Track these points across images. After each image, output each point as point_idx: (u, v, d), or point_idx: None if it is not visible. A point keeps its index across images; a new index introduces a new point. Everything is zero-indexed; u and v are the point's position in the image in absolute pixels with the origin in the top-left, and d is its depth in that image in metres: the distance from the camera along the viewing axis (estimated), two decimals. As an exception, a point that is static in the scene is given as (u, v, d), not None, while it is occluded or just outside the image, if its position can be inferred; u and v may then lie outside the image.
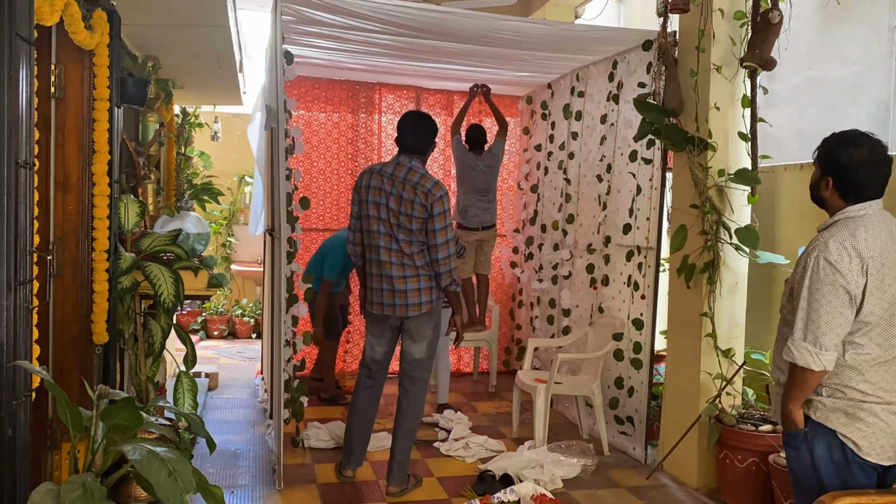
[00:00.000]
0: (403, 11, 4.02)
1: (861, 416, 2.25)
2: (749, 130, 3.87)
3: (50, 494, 1.89)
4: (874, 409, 2.25)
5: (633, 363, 4.46)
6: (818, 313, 2.19)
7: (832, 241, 2.22)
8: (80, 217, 3.09)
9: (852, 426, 2.26)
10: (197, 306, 8.08)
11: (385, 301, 3.68)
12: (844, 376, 2.27)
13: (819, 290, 2.20)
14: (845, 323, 2.21)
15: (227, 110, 7.60)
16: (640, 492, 3.88)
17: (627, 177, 4.60)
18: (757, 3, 3.77)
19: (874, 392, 2.25)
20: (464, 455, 4.35)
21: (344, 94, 6.05)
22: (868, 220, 2.26)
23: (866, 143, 2.28)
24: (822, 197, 2.36)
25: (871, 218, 2.26)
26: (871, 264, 2.21)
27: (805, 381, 2.24)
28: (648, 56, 4.34)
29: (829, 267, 2.19)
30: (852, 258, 2.19)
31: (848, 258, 2.19)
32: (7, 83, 2.05)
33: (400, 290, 3.64)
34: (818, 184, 2.36)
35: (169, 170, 5.14)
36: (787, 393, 2.30)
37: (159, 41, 4.08)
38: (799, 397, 2.29)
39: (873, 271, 2.21)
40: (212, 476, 3.93)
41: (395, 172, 3.64)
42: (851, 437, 2.26)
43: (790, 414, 2.32)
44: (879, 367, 2.26)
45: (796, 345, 2.23)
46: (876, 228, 2.25)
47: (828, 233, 2.27)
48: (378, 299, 3.71)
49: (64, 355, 3.07)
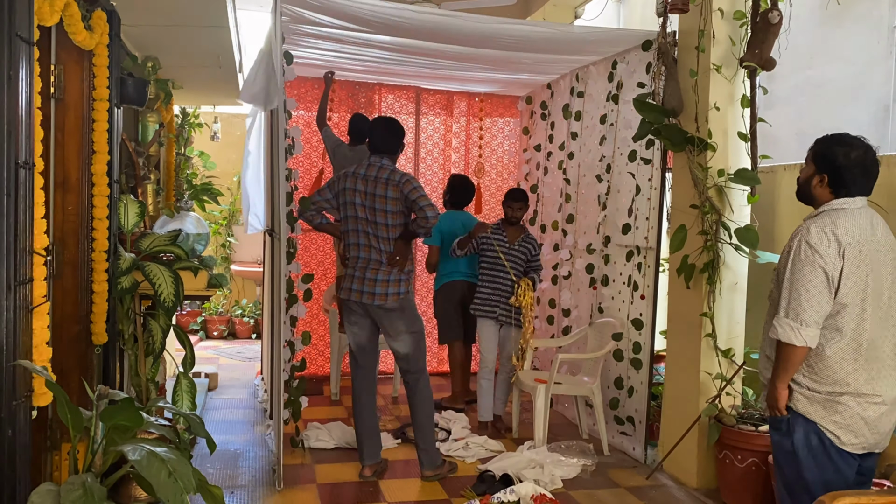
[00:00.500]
0: (402, 13, 4.01)
1: (838, 409, 2.41)
2: (749, 130, 3.87)
3: (50, 494, 1.89)
4: (849, 402, 2.41)
5: (632, 363, 4.46)
6: (799, 292, 2.37)
7: (813, 226, 2.41)
8: (80, 217, 3.09)
9: (830, 418, 2.42)
10: (197, 306, 8.08)
11: (354, 287, 3.88)
12: (824, 367, 2.43)
13: (800, 270, 2.37)
14: (824, 302, 2.37)
15: (227, 110, 7.61)
16: (640, 492, 3.88)
17: (627, 177, 4.60)
18: (756, 3, 3.77)
19: (852, 384, 2.40)
20: (464, 455, 4.35)
21: (344, 94, 6.05)
22: (850, 212, 2.44)
23: (860, 146, 2.48)
24: (812, 193, 2.53)
25: (853, 211, 2.45)
26: (848, 250, 2.38)
27: (789, 358, 2.40)
28: (648, 56, 4.34)
29: (809, 249, 2.37)
30: (831, 242, 2.37)
31: (827, 242, 2.37)
32: (7, 83, 2.05)
33: (369, 279, 3.85)
34: (810, 180, 2.53)
35: (168, 170, 5.14)
36: (774, 371, 2.47)
37: (159, 41, 4.08)
38: (784, 376, 2.44)
39: (850, 257, 2.38)
40: (212, 476, 3.93)
41: (367, 173, 3.87)
42: (830, 427, 2.41)
43: (775, 392, 2.47)
44: (856, 362, 2.42)
45: (780, 321, 2.40)
46: (857, 220, 2.43)
47: (811, 220, 2.46)
48: (349, 284, 3.91)
49: (64, 355, 3.07)
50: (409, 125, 6.24)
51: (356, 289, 3.87)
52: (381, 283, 3.83)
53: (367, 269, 3.86)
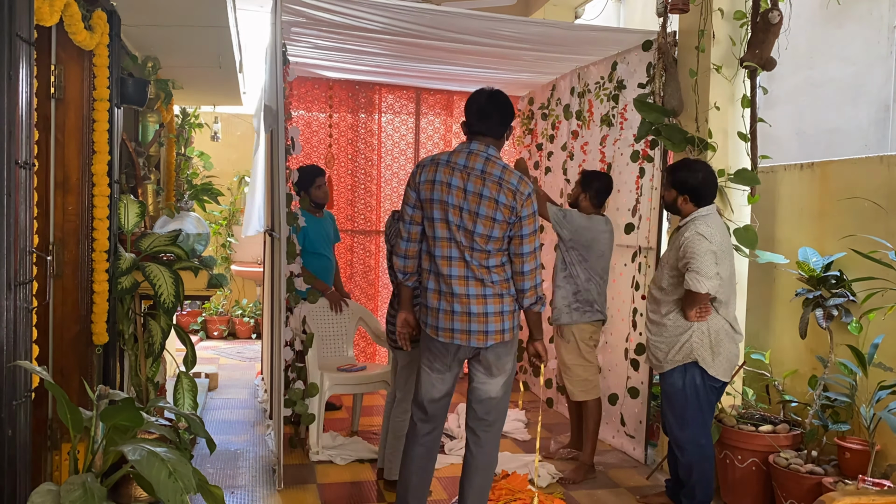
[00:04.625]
0: (403, 11, 4.02)
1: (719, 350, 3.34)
2: (749, 131, 3.87)
3: (50, 495, 1.89)
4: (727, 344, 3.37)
5: (632, 363, 4.46)
6: (699, 262, 3.21)
7: (700, 224, 3.29)
8: (80, 217, 3.09)
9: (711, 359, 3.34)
10: (197, 307, 8.07)
11: (456, 326, 2.89)
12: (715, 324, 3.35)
13: (699, 248, 3.22)
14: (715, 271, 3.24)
15: (227, 110, 7.60)
16: (640, 492, 3.88)
17: (627, 177, 4.60)
18: (757, 3, 3.77)
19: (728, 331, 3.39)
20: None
21: (344, 94, 6.05)
22: (711, 216, 3.37)
23: (703, 167, 3.40)
24: (678, 208, 3.41)
25: (712, 215, 3.38)
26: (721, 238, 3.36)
27: (695, 300, 3.26)
28: (648, 56, 4.34)
29: (699, 237, 3.25)
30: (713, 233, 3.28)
31: (710, 232, 3.27)
32: (7, 83, 2.05)
33: (478, 314, 2.87)
34: (675, 200, 3.41)
35: (169, 170, 5.14)
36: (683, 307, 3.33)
37: (159, 41, 4.08)
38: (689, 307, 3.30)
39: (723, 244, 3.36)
40: (212, 476, 3.93)
41: (468, 164, 2.89)
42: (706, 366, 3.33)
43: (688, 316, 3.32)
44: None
45: (690, 276, 3.22)
46: (716, 221, 3.38)
47: (692, 223, 3.32)
48: (446, 324, 2.90)
49: (64, 356, 3.07)
50: (409, 125, 6.25)
51: (460, 328, 2.89)
52: (493, 318, 2.88)
53: (468, 297, 2.88)
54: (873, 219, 3.47)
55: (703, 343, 3.33)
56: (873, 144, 4.03)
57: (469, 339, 2.89)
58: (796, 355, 3.92)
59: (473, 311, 2.87)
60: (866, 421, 3.26)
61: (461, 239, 2.87)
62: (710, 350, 3.33)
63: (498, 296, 2.90)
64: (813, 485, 3.28)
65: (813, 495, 3.19)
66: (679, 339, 3.35)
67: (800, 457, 3.48)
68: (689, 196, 3.36)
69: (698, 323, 3.32)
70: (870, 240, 3.38)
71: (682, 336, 3.35)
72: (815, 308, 3.53)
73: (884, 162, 3.48)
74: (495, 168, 2.88)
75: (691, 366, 3.35)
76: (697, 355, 3.33)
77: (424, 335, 3.02)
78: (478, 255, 2.87)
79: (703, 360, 3.33)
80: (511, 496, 3.54)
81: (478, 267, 2.88)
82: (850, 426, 3.44)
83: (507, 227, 2.86)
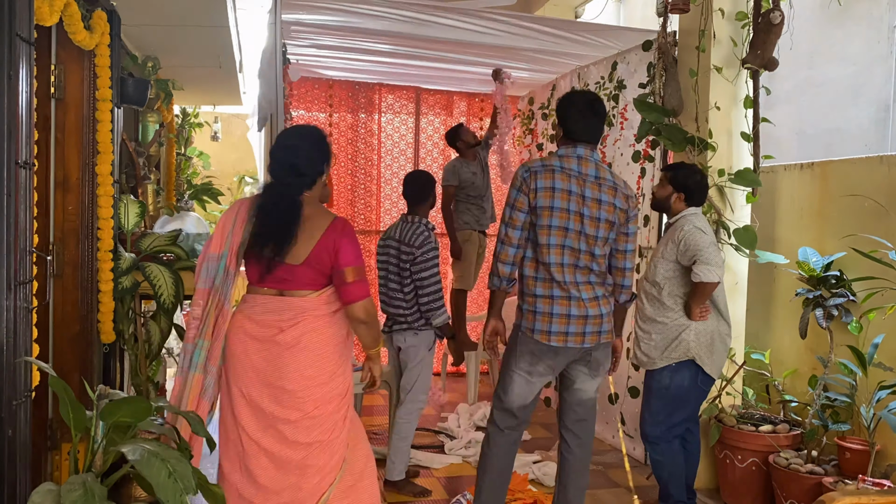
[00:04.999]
0: (403, 11, 4.01)
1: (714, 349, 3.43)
2: (752, 131, 3.87)
3: (50, 495, 1.88)
4: None
5: (633, 363, 4.45)
6: (706, 253, 3.26)
7: (695, 220, 3.41)
8: (81, 217, 3.09)
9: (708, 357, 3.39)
10: (197, 306, 8.05)
11: (571, 330, 2.88)
12: None
13: (702, 241, 3.29)
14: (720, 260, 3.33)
15: (227, 110, 7.61)
16: (640, 492, 3.88)
17: (628, 177, 4.60)
18: (758, 3, 3.77)
19: None
20: (466, 455, 4.35)
21: (344, 94, 6.05)
22: (700, 215, 3.49)
23: (699, 171, 3.57)
24: (670, 206, 3.50)
25: (701, 215, 3.51)
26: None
27: (705, 291, 3.29)
28: (648, 56, 4.34)
29: (698, 230, 3.34)
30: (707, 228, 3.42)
31: (706, 227, 3.41)
32: (7, 83, 2.05)
33: (595, 315, 2.90)
34: (669, 197, 3.49)
35: (169, 170, 5.14)
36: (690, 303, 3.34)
37: (159, 41, 4.08)
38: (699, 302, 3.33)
39: None
40: (212, 476, 3.92)
41: (581, 170, 2.90)
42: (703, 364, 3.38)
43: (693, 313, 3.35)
44: None
45: (700, 268, 3.24)
46: (705, 220, 3.51)
47: (684, 219, 3.42)
48: (561, 328, 2.87)
49: (64, 355, 3.07)
50: (409, 125, 6.24)
51: (577, 331, 2.87)
52: (607, 319, 2.93)
53: (585, 301, 2.88)
54: (873, 218, 3.47)
55: (701, 342, 3.34)
56: (873, 144, 4.03)
57: (583, 340, 2.90)
58: (796, 355, 3.92)
59: (591, 313, 2.89)
60: (866, 421, 3.26)
61: (581, 244, 2.87)
62: (708, 348, 3.35)
63: (608, 296, 2.99)
64: (813, 485, 3.28)
65: (813, 495, 3.19)
66: (677, 336, 3.36)
67: (800, 457, 3.48)
68: (685, 195, 3.48)
69: (697, 322, 3.33)
70: (870, 239, 3.38)
71: (682, 334, 3.35)
72: (815, 308, 3.53)
73: (884, 162, 3.49)
74: (607, 173, 2.95)
75: (684, 365, 3.35)
76: (695, 353, 3.33)
77: (524, 340, 2.94)
78: (597, 260, 2.92)
79: (699, 358, 3.34)
80: (511, 496, 3.54)
81: (597, 271, 2.93)
82: (850, 426, 3.44)
83: (615, 229, 2.94)
